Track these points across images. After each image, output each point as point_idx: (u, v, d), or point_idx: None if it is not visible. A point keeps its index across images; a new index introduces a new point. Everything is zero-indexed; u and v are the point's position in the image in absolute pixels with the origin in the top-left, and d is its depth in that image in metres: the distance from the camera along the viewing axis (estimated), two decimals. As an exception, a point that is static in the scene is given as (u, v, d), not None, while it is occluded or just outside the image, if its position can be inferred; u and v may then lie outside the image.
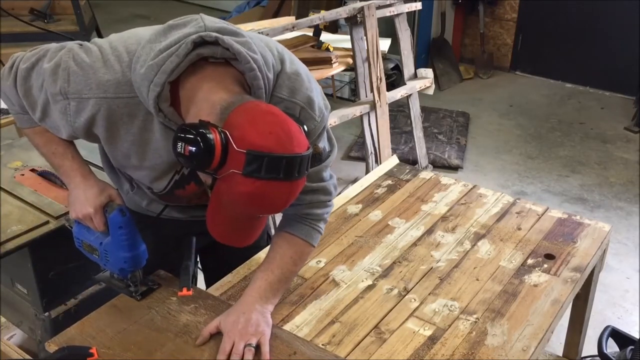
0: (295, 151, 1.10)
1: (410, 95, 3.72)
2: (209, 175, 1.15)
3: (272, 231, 1.89)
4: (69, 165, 1.42)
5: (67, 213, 1.81)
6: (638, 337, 2.20)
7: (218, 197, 1.16)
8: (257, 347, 1.36)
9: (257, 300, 1.42)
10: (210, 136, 1.07)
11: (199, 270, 1.82)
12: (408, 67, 3.73)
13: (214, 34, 1.17)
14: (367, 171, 3.48)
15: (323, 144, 1.39)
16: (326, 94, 1.46)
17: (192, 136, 1.08)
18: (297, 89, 1.30)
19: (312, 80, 1.35)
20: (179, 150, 1.10)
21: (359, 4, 3.34)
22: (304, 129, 1.19)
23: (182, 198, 1.44)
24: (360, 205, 2.05)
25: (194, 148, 1.08)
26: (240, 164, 1.08)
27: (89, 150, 1.54)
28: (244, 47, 1.19)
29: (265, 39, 1.33)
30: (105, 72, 1.23)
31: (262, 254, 1.67)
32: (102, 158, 1.52)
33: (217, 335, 1.39)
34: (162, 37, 1.20)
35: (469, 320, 1.55)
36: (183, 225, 1.56)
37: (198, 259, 1.80)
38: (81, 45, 1.29)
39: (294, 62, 1.34)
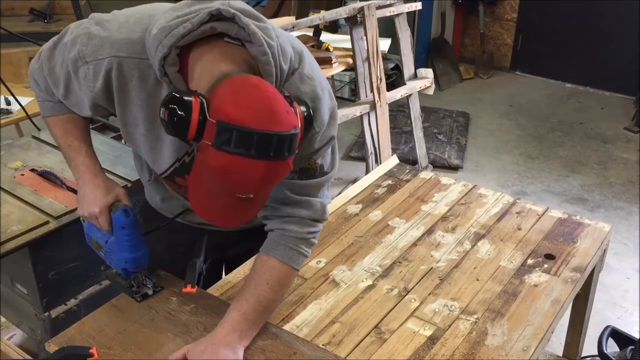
0: (271, 129, 1.05)
1: (410, 95, 3.72)
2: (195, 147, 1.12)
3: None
4: (82, 160, 1.43)
5: (67, 213, 1.81)
6: (638, 337, 2.20)
7: (197, 169, 1.14)
8: None
9: (229, 332, 1.33)
10: (188, 103, 1.06)
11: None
12: (408, 67, 3.73)
13: (232, 10, 1.14)
14: (367, 171, 3.48)
15: (322, 161, 1.34)
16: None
17: (171, 102, 1.07)
18: (304, 92, 1.24)
19: (325, 92, 1.28)
20: (161, 115, 1.09)
21: (359, 4, 3.34)
22: (304, 113, 1.16)
23: (182, 187, 1.42)
24: (360, 205, 2.05)
25: (172, 114, 1.07)
26: (212, 135, 1.05)
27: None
28: (262, 31, 1.15)
29: (291, 37, 1.30)
30: (121, 32, 1.23)
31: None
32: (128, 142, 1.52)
33: None
34: (186, 7, 1.19)
35: (469, 320, 1.55)
36: (194, 232, 1.56)
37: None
38: (104, 15, 1.30)
39: (313, 67, 1.29)
